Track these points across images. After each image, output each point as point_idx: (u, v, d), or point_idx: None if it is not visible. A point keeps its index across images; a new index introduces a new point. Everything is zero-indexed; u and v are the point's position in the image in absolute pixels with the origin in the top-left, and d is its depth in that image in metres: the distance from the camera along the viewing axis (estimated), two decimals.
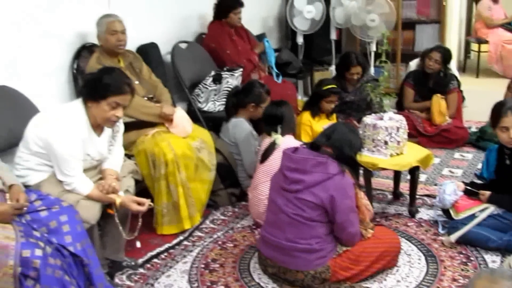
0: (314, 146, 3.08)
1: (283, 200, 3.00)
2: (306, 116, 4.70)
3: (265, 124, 3.92)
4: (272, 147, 3.72)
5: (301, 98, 6.15)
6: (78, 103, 3.05)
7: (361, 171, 3.74)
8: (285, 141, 3.69)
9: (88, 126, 3.02)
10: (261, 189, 3.70)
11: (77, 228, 2.75)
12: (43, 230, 2.66)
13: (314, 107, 4.67)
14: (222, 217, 4.03)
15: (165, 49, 4.86)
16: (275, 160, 3.57)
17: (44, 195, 2.83)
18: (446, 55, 5.26)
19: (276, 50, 5.80)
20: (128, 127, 3.50)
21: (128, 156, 3.56)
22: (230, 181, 4.23)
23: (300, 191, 2.94)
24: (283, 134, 3.78)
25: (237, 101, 4.31)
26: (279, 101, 4.02)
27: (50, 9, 3.76)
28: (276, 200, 3.05)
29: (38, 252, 2.45)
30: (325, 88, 4.63)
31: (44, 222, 2.68)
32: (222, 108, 4.69)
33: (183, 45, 5.03)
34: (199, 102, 4.74)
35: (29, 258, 2.41)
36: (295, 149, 3.08)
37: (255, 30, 5.95)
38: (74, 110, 3.01)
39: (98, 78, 2.97)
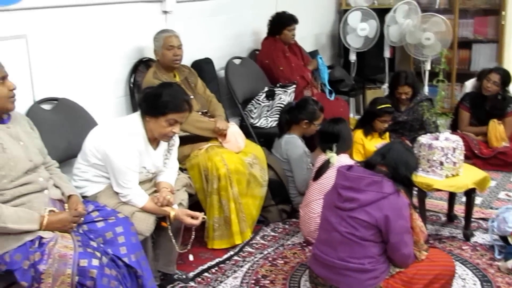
0: (369, 164, 3.05)
1: (336, 218, 2.97)
2: (359, 134, 4.68)
3: (321, 141, 3.91)
4: (326, 165, 3.71)
5: (353, 116, 6.12)
6: (136, 116, 3.11)
7: (414, 192, 3.69)
8: (340, 160, 3.68)
9: (145, 139, 3.08)
10: (313, 206, 3.69)
11: (132, 239, 2.80)
12: (99, 240, 2.72)
13: (367, 125, 4.64)
14: (273, 233, 4.03)
15: (219, 65, 4.91)
16: (328, 179, 3.55)
17: (101, 206, 2.90)
18: (505, 77, 5.14)
19: (328, 67, 5.78)
20: (182, 141, 3.54)
21: (181, 169, 3.61)
22: (281, 198, 4.23)
23: (354, 210, 2.91)
24: (338, 152, 3.76)
25: (290, 117, 4.31)
26: (336, 118, 4.00)
27: (110, 25, 3.86)
28: (329, 218, 3.03)
29: (95, 262, 2.50)
30: (379, 107, 4.60)
31: (100, 233, 2.74)
32: (274, 124, 4.71)
33: (237, 61, 5.08)
34: (252, 117, 4.77)
35: (86, 268, 2.46)
36: (350, 167, 3.06)
37: (308, 47, 5.95)
38: (132, 123, 3.08)
39: (157, 94, 3.02)
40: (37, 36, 3.31)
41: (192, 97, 3.83)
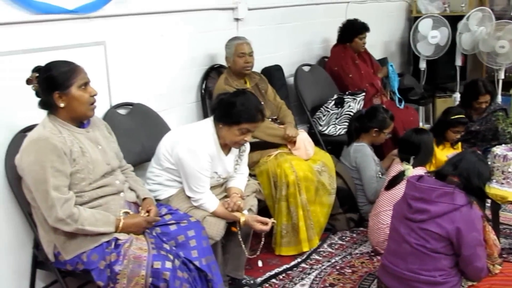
0: (440, 175, 2.98)
1: (406, 229, 2.92)
2: None
3: (400, 150, 3.85)
4: (400, 176, 3.64)
5: (422, 125, 6.01)
6: (209, 122, 3.15)
7: (487, 204, 3.59)
8: (415, 172, 3.59)
9: (217, 145, 3.12)
10: (382, 217, 3.64)
11: (203, 243, 2.83)
12: (172, 243, 2.77)
13: (439, 135, 4.54)
14: (340, 242, 4.00)
15: (288, 72, 4.92)
16: (401, 190, 3.48)
17: (173, 209, 2.96)
18: None
19: (398, 75, 5.70)
20: (252, 147, 3.56)
21: (251, 175, 3.63)
22: (349, 206, 4.21)
23: (424, 221, 2.85)
24: (415, 165, 3.69)
25: (359, 125, 4.28)
26: (420, 129, 3.94)
27: (183, 31, 3.93)
28: (398, 229, 2.98)
29: (168, 265, 2.55)
30: (453, 117, 4.47)
31: (172, 236, 2.80)
32: (343, 131, 4.69)
33: (306, 68, 5.08)
34: (320, 125, 4.76)
35: (160, 270, 2.51)
36: (420, 177, 3.00)
37: (377, 54, 5.90)
38: (205, 129, 3.12)
39: (232, 103, 3.05)
40: (114, 43, 3.40)
41: (262, 103, 3.88)
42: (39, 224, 2.61)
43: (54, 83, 2.52)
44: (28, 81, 2.57)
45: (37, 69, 2.57)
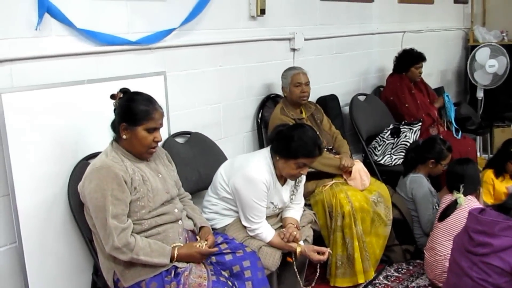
0: (503, 208, 2.91)
1: (467, 262, 2.85)
2: (489, 174, 4.46)
3: (448, 181, 3.77)
4: (453, 206, 3.55)
5: (480, 155, 5.87)
6: (266, 153, 3.15)
7: None
8: (468, 201, 3.52)
9: (274, 175, 3.11)
10: (439, 249, 3.54)
11: (259, 274, 2.78)
12: (227, 273, 2.75)
13: (498, 166, 4.42)
14: (396, 274, 3.91)
15: (343, 101, 4.92)
16: (455, 220, 3.43)
17: (229, 238, 2.94)
18: None
19: (454, 104, 5.60)
20: (308, 177, 3.50)
21: (306, 205, 3.59)
22: (405, 237, 4.11)
23: (486, 255, 2.78)
24: (465, 193, 3.60)
25: (416, 156, 4.20)
26: (463, 159, 3.85)
27: (241, 61, 3.97)
28: (459, 262, 2.90)
29: None
30: None
31: (228, 266, 2.77)
32: (398, 161, 4.62)
33: (362, 98, 5.06)
34: (376, 154, 4.70)
35: None
36: (482, 210, 2.93)
37: (433, 84, 5.84)
38: (262, 159, 3.11)
39: (290, 137, 3.02)
40: (174, 73, 3.46)
41: (317, 133, 3.87)
42: (99, 250, 2.64)
43: (127, 114, 2.56)
44: (113, 96, 2.63)
45: (124, 91, 2.63)
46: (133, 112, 2.56)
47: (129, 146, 2.62)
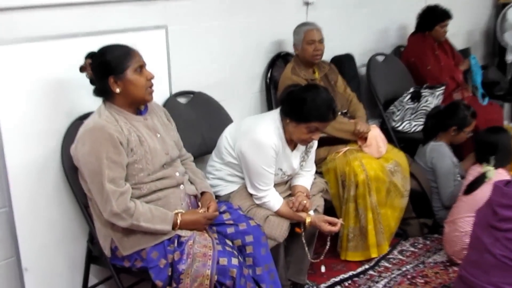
0: None
1: (490, 238, 2.85)
2: None
3: (477, 152, 3.75)
4: (481, 179, 3.54)
5: (507, 123, 5.85)
6: (275, 115, 3.14)
7: None
8: (498, 175, 3.49)
9: (283, 140, 3.11)
10: (460, 224, 3.56)
11: (262, 251, 2.79)
12: (230, 243, 2.76)
13: None
14: (412, 249, 3.94)
15: (360, 61, 4.88)
16: (482, 194, 3.39)
17: (233, 208, 2.93)
18: None
19: (482, 68, 5.55)
20: (320, 142, 3.47)
21: (317, 173, 3.59)
22: (422, 210, 4.13)
23: (510, 231, 2.78)
24: (496, 166, 3.59)
25: (437, 123, 4.18)
26: (496, 127, 3.83)
27: (249, 17, 3.94)
28: (481, 237, 2.91)
29: (235, 261, 2.54)
30: None
31: (229, 238, 2.77)
32: (418, 128, 4.61)
33: (380, 58, 5.01)
34: (394, 120, 4.69)
35: (226, 267, 2.50)
36: (508, 183, 2.92)
37: (459, 45, 5.77)
38: (270, 122, 3.11)
39: (302, 99, 3.00)
40: (176, 27, 3.42)
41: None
42: (96, 217, 2.65)
43: (109, 68, 2.54)
44: (82, 69, 2.63)
45: (90, 55, 2.62)
46: (114, 61, 2.54)
47: (126, 98, 2.60)
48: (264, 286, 2.74)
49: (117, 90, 2.57)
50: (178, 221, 2.61)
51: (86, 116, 2.78)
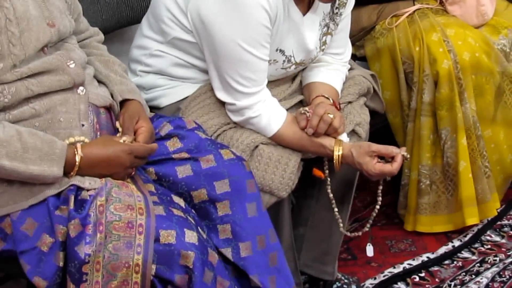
0: None
1: None
2: None
3: None
4: None
5: None
6: None
7: None
8: None
9: None
10: None
11: (248, 211, 2.74)
12: (181, 201, 2.70)
13: None
14: None
15: None
16: None
17: (188, 128, 2.87)
18: None
19: None
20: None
21: (355, 58, 3.63)
22: None
23: None
24: None
25: None
26: None
27: None
28: None
29: (191, 237, 2.48)
30: None
31: (183, 188, 2.74)
32: None
33: None
34: None
35: (174, 248, 2.44)
36: None
37: None
38: None
39: None
40: None
41: None
42: None
43: None
44: None
45: None
46: None
47: None
48: (257, 279, 2.68)
49: None
50: (77, 159, 2.52)
51: None
